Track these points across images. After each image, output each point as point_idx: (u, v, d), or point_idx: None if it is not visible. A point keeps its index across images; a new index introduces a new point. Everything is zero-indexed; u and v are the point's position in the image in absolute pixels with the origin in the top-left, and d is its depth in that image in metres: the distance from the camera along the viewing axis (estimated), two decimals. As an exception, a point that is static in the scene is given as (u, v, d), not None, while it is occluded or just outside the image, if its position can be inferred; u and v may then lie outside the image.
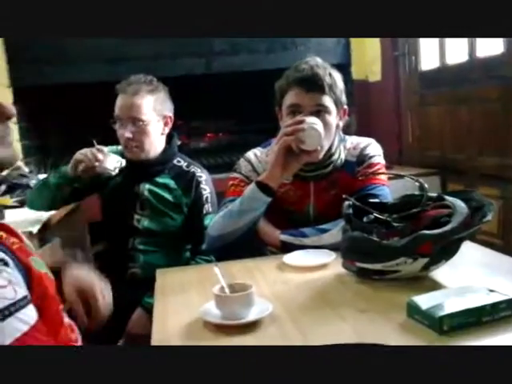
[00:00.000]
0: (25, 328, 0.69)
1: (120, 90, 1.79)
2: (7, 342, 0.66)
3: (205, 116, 3.83)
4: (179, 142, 1.99)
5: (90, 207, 2.45)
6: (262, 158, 1.64)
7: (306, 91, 1.49)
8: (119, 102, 1.79)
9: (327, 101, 1.51)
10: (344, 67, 3.27)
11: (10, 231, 0.84)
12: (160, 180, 1.84)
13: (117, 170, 1.71)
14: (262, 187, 1.47)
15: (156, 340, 0.99)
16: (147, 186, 1.83)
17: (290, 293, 1.21)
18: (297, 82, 1.50)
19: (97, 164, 1.67)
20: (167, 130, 1.86)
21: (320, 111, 1.50)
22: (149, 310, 1.69)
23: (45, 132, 3.30)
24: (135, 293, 1.74)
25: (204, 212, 1.83)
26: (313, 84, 1.49)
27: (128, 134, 1.75)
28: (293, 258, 1.41)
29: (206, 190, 1.85)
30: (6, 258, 0.73)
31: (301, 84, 1.50)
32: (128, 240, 1.84)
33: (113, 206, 1.89)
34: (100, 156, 1.68)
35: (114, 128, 1.80)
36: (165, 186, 1.83)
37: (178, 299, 1.22)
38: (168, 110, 1.85)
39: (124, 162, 1.74)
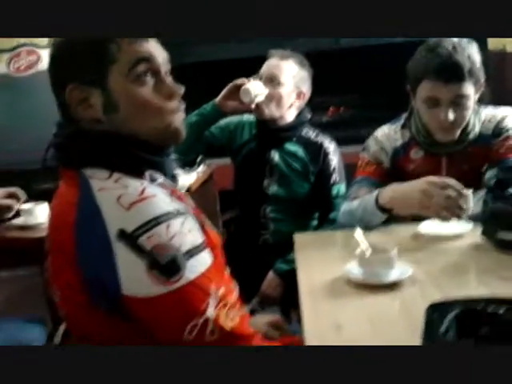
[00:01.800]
0: (204, 267, 0.81)
1: (272, 53, 1.90)
2: (192, 277, 0.79)
3: (327, 90, 3.85)
4: (309, 116, 2.05)
5: (222, 177, 2.62)
6: (391, 136, 1.64)
7: (445, 83, 1.40)
8: (266, 62, 1.90)
9: (467, 89, 1.42)
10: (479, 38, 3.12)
11: None
12: (289, 147, 1.91)
13: (256, 100, 1.78)
14: (384, 209, 1.44)
15: (304, 293, 1.09)
16: (277, 152, 1.92)
17: (427, 259, 1.24)
18: (434, 72, 1.41)
19: (246, 81, 1.78)
20: (297, 105, 1.92)
21: (459, 102, 1.43)
22: (280, 274, 1.81)
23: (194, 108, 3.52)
24: (267, 257, 1.87)
25: (331, 182, 1.89)
26: (452, 73, 1.40)
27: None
28: (428, 226, 1.43)
29: (334, 160, 1.90)
30: (186, 210, 0.86)
31: (438, 75, 1.40)
32: (259, 208, 1.95)
33: (245, 172, 2.01)
34: (250, 79, 1.80)
35: None
36: (293, 154, 1.91)
37: (318, 259, 1.31)
38: (305, 87, 1.91)
39: (265, 94, 1.81)
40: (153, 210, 0.79)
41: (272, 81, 1.84)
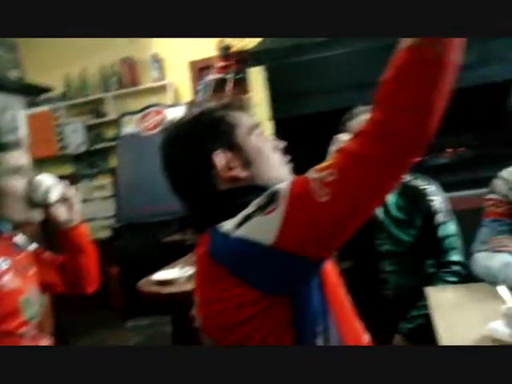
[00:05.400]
0: None
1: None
2: None
3: (443, 131, 3.73)
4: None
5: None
6: None
7: None
8: None
9: None
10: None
11: None
12: (389, 200, 1.86)
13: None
14: None
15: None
16: (380, 208, 1.86)
17: None
18: None
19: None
20: None
21: None
22: (406, 335, 1.72)
23: (304, 159, 3.58)
24: (387, 313, 1.79)
25: (437, 223, 1.80)
26: None
27: None
28: None
29: (435, 200, 1.82)
30: None
31: None
32: (376, 264, 1.88)
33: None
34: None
35: None
36: (395, 205, 1.85)
37: (456, 317, 1.25)
38: None
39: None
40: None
41: None
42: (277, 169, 1.02)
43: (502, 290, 1.14)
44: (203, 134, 1.00)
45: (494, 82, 3.10)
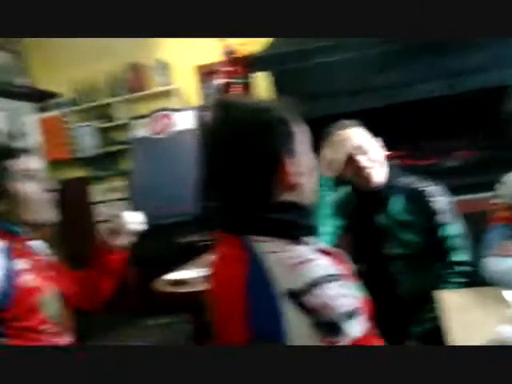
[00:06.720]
0: (362, 330, 0.87)
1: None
2: (351, 337, 0.85)
3: (454, 134, 3.76)
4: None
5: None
6: None
7: None
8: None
9: None
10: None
11: None
12: (393, 204, 1.88)
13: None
14: None
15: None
16: (385, 214, 1.89)
17: None
18: None
19: None
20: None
21: None
22: (418, 338, 1.73)
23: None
24: (401, 314, 1.82)
25: (440, 223, 1.83)
26: None
27: None
28: None
29: (438, 201, 1.85)
30: (343, 274, 0.93)
31: None
32: (387, 267, 1.91)
33: (361, 239, 1.98)
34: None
35: None
36: (399, 209, 1.87)
37: (466, 320, 1.30)
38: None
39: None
40: (314, 272, 0.87)
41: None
42: (313, 177, 1.03)
43: (507, 294, 1.21)
44: (277, 129, 0.95)
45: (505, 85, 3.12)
